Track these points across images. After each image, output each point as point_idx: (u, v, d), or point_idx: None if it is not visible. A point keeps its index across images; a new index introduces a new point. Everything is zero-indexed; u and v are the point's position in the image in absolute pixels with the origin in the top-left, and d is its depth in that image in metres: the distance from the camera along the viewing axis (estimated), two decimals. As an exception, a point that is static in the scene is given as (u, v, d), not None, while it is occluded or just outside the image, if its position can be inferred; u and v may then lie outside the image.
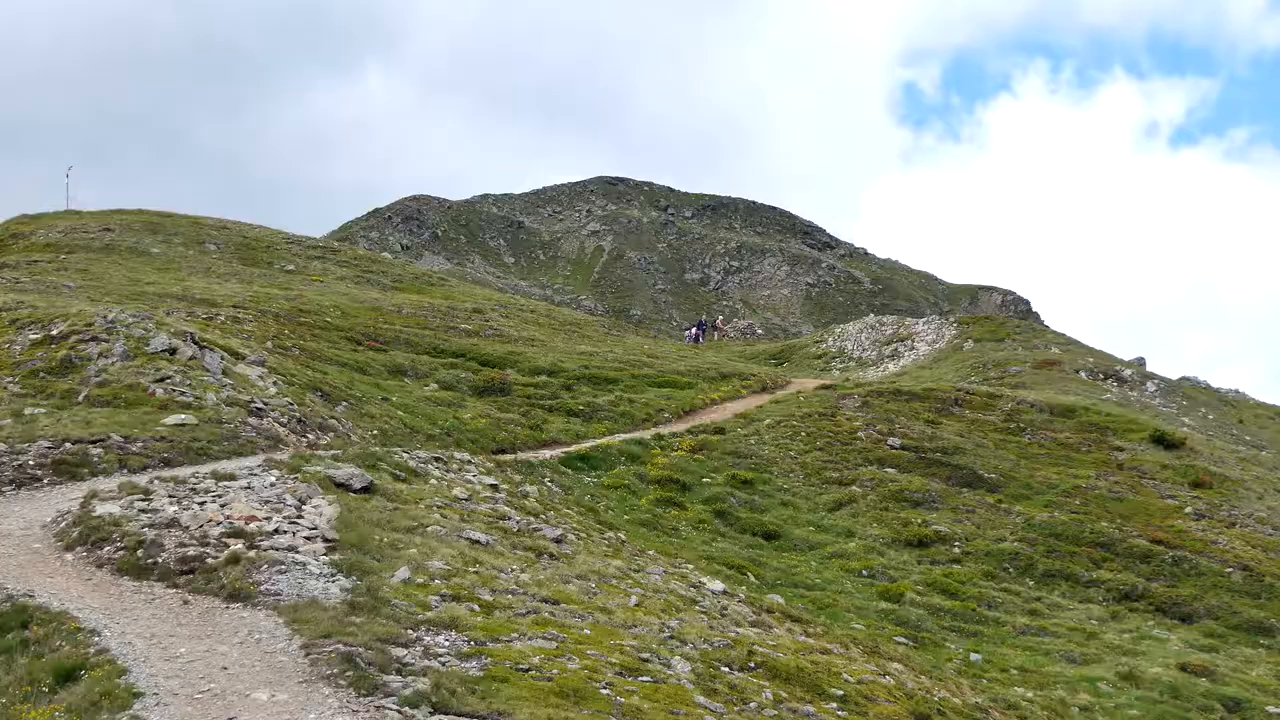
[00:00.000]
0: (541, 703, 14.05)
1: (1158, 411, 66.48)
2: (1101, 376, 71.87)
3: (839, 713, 17.82)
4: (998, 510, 42.32)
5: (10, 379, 33.69)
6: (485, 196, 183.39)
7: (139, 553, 19.49)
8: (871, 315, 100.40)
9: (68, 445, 27.59)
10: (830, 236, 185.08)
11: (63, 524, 21.80)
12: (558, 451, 42.67)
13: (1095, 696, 29.02)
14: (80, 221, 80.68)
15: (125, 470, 26.49)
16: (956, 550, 38.45)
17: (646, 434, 46.88)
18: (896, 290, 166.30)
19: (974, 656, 30.34)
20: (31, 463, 26.58)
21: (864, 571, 35.75)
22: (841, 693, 18.76)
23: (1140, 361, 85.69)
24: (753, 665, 18.65)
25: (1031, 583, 37.30)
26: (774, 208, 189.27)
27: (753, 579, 32.85)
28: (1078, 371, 71.76)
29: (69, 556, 20.22)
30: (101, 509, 21.57)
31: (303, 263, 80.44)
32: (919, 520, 40.11)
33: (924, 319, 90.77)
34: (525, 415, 47.28)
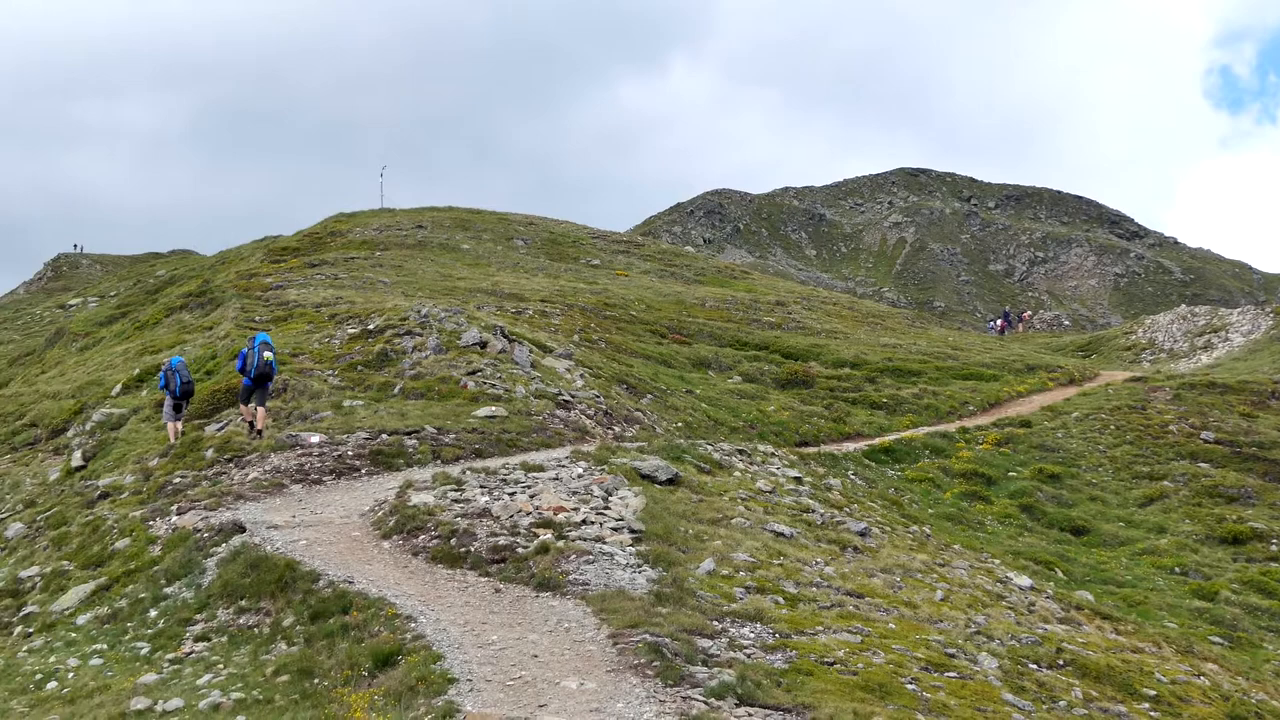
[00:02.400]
0: (846, 697, 13.98)
1: None
2: None
3: (1151, 713, 17.38)
4: (1319, 507, 40.72)
5: (330, 372, 34.83)
6: (786, 189, 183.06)
7: (452, 541, 19.98)
8: (1183, 305, 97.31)
9: (384, 436, 28.43)
10: (1139, 226, 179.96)
11: (380, 512, 22.47)
12: (861, 444, 42.47)
13: None
14: (394, 219, 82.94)
15: (438, 461, 27.17)
16: (1274, 548, 37.07)
17: (951, 427, 46.36)
18: (1208, 280, 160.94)
19: (1294, 658, 29.28)
20: (350, 453, 27.46)
21: (1176, 568, 34.76)
22: (1154, 693, 18.29)
23: None
24: (1061, 663, 18.30)
25: (1356, 583, 35.79)
26: (1080, 197, 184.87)
27: (1060, 575, 32.25)
28: (1406, 363, 68.63)
29: (386, 544, 20.83)
30: (416, 498, 22.18)
31: (607, 257, 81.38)
32: (1234, 516, 38.79)
33: (1238, 309, 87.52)
34: (828, 408, 47.15)
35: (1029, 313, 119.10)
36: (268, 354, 29.74)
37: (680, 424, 39.41)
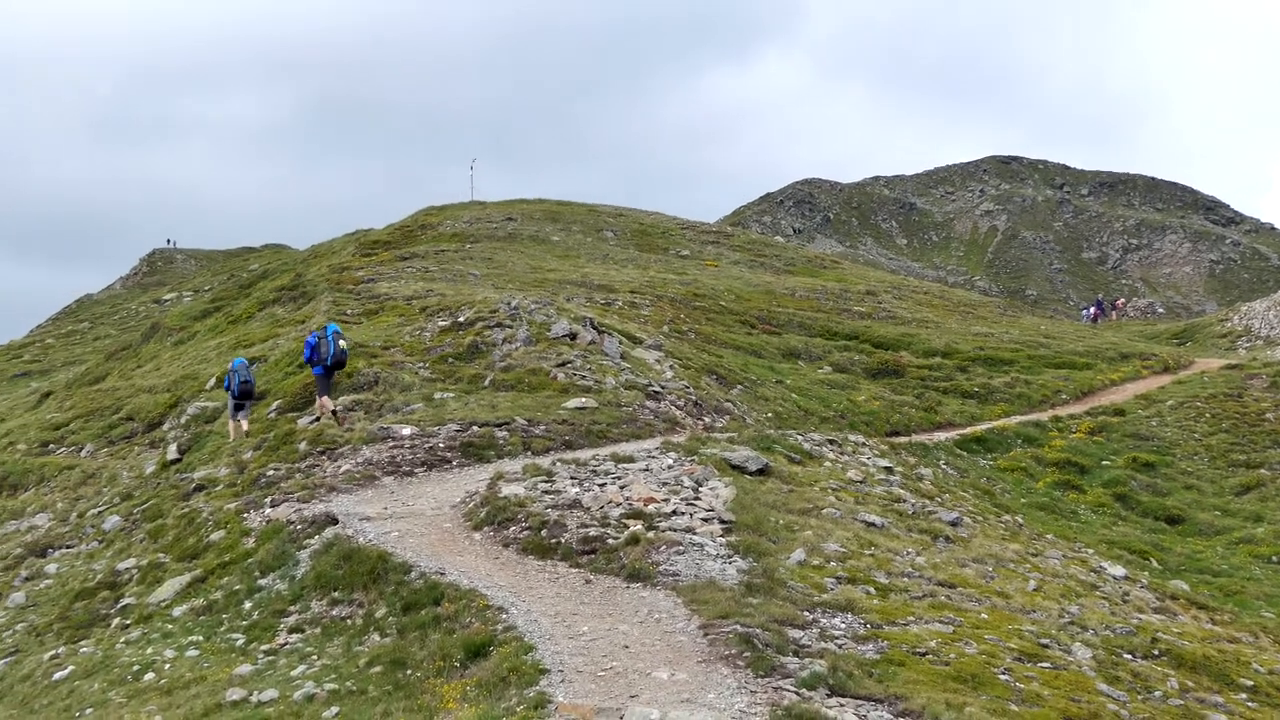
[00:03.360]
0: (938, 687, 13.90)
1: None
2: None
3: (1248, 703, 17.15)
4: None
5: (421, 364, 35.01)
6: (876, 179, 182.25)
7: (543, 533, 20.02)
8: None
9: (475, 428, 28.53)
10: (1234, 211, 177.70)
11: (471, 504, 22.56)
12: (952, 434, 42.27)
13: None
14: (484, 212, 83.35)
15: (529, 452, 27.23)
16: (1374, 537, 36.57)
17: (1043, 416, 46.07)
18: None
19: (1395, 649, 28.85)
20: (441, 445, 27.58)
21: (1273, 557, 34.34)
22: (1251, 683, 18.06)
23: None
24: (1156, 653, 18.11)
25: None
26: (1174, 183, 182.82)
27: (1155, 564, 31.97)
28: None
29: (477, 536, 20.91)
30: (507, 490, 22.25)
31: (697, 248, 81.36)
32: (1333, 505, 38.32)
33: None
34: (919, 397, 46.98)
35: (1122, 300, 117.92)
36: (342, 343, 30.96)
37: (770, 414, 39.38)
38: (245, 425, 32.62)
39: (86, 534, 30.10)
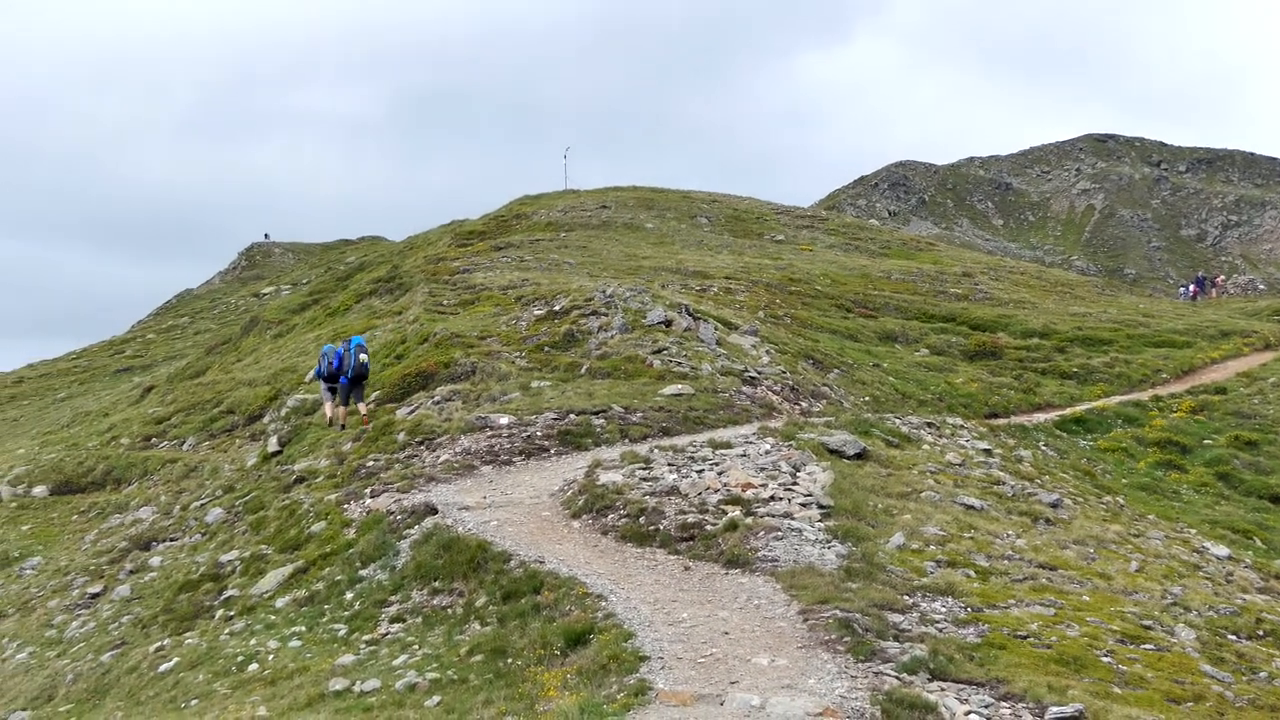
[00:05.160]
0: (1040, 670, 13.83)
1: None
2: None
3: (1358, 685, 16.96)
4: None
5: (518, 353, 35.14)
6: (971, 159, 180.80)
7: (641, 520, 20.06)
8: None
9: (572, 416, 28.57)
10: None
11: (569, 492, 22.63)
12: (1051, 415, 41.97)
13: None
14: (578, 200, 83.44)
15: (626, 440, 27.23)
16: None
17: (1143, 395, 45.63)
18: None
19: None
20: (539, 434, 27.65)
21: (1381, 536, 33.87)
22: (1360, 663, 17.84)
23: None
24: (1261, 633, 17.92)
25: None
26: (1273, 158, 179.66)
27: (1259, 544, 31.57)
28: None
29: (575, 524, 20.97)
30: (605, 478, 22.30)
31: (791, 232, 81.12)
32: None
33: None
34: (1017, 379, 46.68)
35: (1222, 277, 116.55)
36: (363, 356, 33.13)
37: (867, 398, 39.24)
38: (328, 410, 33.44)
39: (189, 527, 30.47)
